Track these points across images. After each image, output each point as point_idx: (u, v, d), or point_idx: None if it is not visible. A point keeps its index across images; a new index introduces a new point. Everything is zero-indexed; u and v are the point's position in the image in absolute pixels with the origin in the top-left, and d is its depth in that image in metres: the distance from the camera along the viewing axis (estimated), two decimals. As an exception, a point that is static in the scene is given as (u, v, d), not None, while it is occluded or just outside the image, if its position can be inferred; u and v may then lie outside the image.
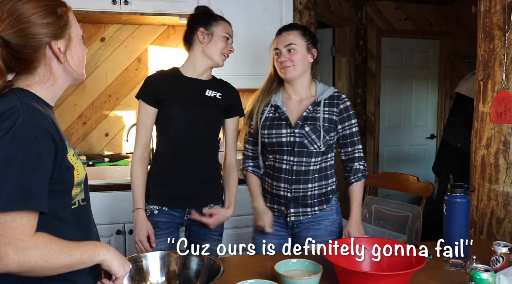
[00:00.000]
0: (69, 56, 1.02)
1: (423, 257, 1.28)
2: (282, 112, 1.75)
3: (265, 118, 1.77)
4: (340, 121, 1.75)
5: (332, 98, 1.75)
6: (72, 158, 1.01)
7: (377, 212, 2.52)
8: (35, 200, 0.89)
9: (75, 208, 1.04)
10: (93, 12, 2.50)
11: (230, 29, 1.78)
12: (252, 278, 1.35)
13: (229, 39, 1.76)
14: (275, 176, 1.76)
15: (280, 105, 1.76)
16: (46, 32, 0.96)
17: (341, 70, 4.29)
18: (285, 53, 1.71)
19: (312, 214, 1.75)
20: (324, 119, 1.71)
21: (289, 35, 1.74)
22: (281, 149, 1.73)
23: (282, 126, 1.73)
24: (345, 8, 4.10)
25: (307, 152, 1.71)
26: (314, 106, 1.73)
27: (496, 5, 1.81)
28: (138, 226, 1.68)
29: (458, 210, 1.56)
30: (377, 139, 4.66)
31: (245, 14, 2.71)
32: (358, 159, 1.77)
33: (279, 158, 1.74)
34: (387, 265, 1.36)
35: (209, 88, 1.76)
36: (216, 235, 1.82)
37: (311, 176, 1.72)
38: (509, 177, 1.82)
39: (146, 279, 1.29)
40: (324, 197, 1.76)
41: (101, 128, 2.95)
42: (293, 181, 1.72)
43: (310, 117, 1.72)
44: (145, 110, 1.71)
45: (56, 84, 1.03)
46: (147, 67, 2.97)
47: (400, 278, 1.22)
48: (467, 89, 3.32)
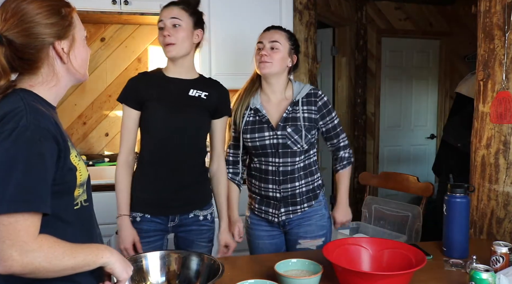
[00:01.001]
0: (72, 56, 1.02)
1: (423, 257, 1.28)
2: (263, 115, 1.75)
3: (245, 122, 1.77)
4: (321, 118, 1.78)
5: (309, 96, 1.78)
6: (75, 159, 1.01)
7: (377, 212, 2.51)
8: (39, 201, 0.89)
9: (78, 208, 1.04)
10: (93, 12, 2.50)
11: (165, 13, 1.61)
12: (252, 278, 1.35)
13: (163, 27, 1.60)
14: (262, 177, 1.78)
15: (260, 108, 1.76)
16: (50, 32, 0.96)
17: (341, 70, 4.29)
18: (268, 49, 1.73)
19: (301, 211, 1.79)
20: (304, 118, 1.74)
21: (276, 33, 1.76)
22: (265, 151, 1.75)
23: (264, 129, 1.74)
24: (345, 8, 4.10)
25: (291, 152, 1.73)
26: (292, 106, 1.75)
27: (496, 5, 1.81)
28: (123, 234, 1.61)
29: (458, 210, 1.56)
30: (377, 139, 4.66)
31: (245, 14, 2.71)
32: (343, 148, 1.86)
33: (264, 160, 1.76)
34: (387, 265, 1.37)
35: (193, 88, 1.68)
36: (204, 242, 1.74)
37: (297, 174, 1.75)
38: (509, 177, 1.82)
39: (146, 279, 1.29)
40: (312, 193, 1.79)
41: (101, 128, 2.96)
42: (281, 181, 1.75)
43: (291, 118, 1.74)
44: (128, 113, 1.66)
45: (59, 84, 1.03)
46: (147, 67, 2.97)
47: (400, 278, 1.23)
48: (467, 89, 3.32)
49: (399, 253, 1.36)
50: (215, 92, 1.71)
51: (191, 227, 1.72)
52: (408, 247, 1.37)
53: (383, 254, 1.39)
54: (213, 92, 1.70)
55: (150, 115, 1.64)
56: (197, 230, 1.72)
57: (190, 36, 1.63)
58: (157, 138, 1.65)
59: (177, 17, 1.60)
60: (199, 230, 1.73)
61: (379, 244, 1.42)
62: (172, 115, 1.63)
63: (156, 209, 1.67)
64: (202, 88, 1.69)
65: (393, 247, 1.39)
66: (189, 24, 1.62)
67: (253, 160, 1.81)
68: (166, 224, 1.70)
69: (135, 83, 1.68)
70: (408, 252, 1.34)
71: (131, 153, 1.68)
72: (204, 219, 1.74)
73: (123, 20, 2.78)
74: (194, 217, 1.72)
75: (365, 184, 2.66)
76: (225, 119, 1.77)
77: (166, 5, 1.64)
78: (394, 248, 1.39)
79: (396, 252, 1.37)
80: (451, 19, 4.71)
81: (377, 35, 4.50)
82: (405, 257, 1.33)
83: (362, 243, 1.43)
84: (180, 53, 1.62)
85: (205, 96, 1.68)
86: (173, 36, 1.59)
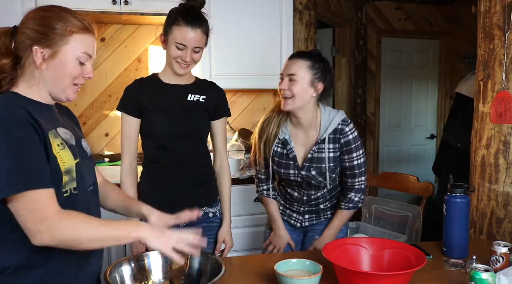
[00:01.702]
0: (45, 66, 1.10)
1: (423, 257, 1.28)
2: (290, 150, 1.73)
3: (274, 153, 1.76)
4: (340, 154, 1.72)
5: (335, 132, 1.68)
6: (57, 148, 1.07)
7: (377, 212, 2.52)
8: (37, 178, 0.99)
9: (67, 196, 1.10)
10: (93, 12, 2.50)
11: (187, 36, 1.56)
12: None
13: (182, 49, 1.58)
14: (287, 198, 1.85)
15: (288, 140, 1.73)
16: (32, 36, 1.09)
17: (341, 70, 4.29)
18: (286, 82, 1.65)
19: (325, 218, 1.85)
20: (329, 159, 1.69)
21: (294, 63, 1.64)
22: (289, 183, 1.80)
23: (290, 166, 1.75)
24: (345, 8, 4.10)
25: (315, 186, 1.77)
26: (318, 145, 1.69)
27: (496, 5, 1.81)
28: (134, 242, 1.62)
29: (458, 210, 1.56)
30: (377, 139, 4.66)
31: (245, 14, 2.71)
32: (356, 191, 1.75)
33: (288, 185, 1.82)
34: (387, 265, 1.37)
35: (191, 93, 1.69)
36: (212, 237, 1.77)
37: (321, 199, 1.80)
38: (509, 177, 1.82)
39: (148, 278, 1.30)
40: (335, 203, 1.84)
41: (101, 128, 2.96)
42: (306, 202, 1.81)
43: (316, 158, 1.70)
44: (128, 121, 1.66)
45: (39, 86, 1.12)
46: (147, 67, 2.97)
47: (400, 278, 1.22)
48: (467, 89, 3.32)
49: (399, 253, 1.35)
50: (212, 94, 1.73)
51: (202, 224, 1.73)
52: (408, 247, 1.37)
53: (383, 254, 1.39)
54: (210, 94, 1.72)
55: (152, 123, 1.65)
56: (207, 226, 1.74)
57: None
58: (159, 144, 1.66)
59: (200, 45, 1.61)
60: (209, 226, 1.76)
61: (379, 244, 1.41)
62: (173, 122, 1.64)
63: (166, 209, 1.67)
64: (199, 92, 1.71)
65: (393, 247, 1.39)
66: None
67: (280, 181, 1.87)
68: (178, 225, 1.70)
69: (133, 91, 1.68)
70: (408, 252, 1.34)
71: (134, 160, 1.71)
72: (213, 215, 1.78)
73: (123, 20, 2.78)
74: (204, 214, 1.73)
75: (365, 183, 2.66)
76: (223, 120, 1.79)
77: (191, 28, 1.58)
78: (394, 248, 1.38)
79: (396, 252, 1.37)
80: (451, 19, 4.71)
81: (377, 35, 4.50)
82: (405, 257, 1.33)
83: (362, 243, 1.42)
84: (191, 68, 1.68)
85: (203, 99, 1.70)
86: (194, 63, 1.63)
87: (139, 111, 1.65)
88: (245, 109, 3.16)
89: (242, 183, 2.48)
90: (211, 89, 1.74)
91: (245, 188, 2.49)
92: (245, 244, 2.50)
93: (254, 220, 2.49)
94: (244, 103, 3.15)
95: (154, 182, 1.70)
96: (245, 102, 3.16)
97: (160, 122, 1.64)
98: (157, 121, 1.64)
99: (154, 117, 1.64)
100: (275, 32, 2.77)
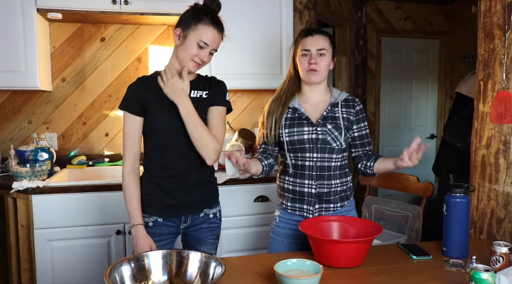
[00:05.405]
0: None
1: (380, 228, 1.49)
2: (302, 113, 1.76)
3: (285, 119, 1.78)
4: (356, 122, 1.80)
5: (347, 100, 1.80)
6: None
7: (377, 212, 2.52)
8: None
9: None
10: (93, 12, 2.50)
11: (212, 37, 1.59)
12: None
13: (203, 47, 1.59)
14: (298, 173, 1.78)
15: (298, 107, 1.77)
16: None
17: (341, 70, 4.29)
18: (316, 57, 1.71)
19: (334, 209, 1.78)
20: (344, 118, 1.76)
21: (321, 39, 1.73)
22: (303, 147, 1.74)
23: (303, 124, 1.75)
24: (345, 8, 4.10)
25: (330, 148, 1.74)
26: (332, 107, 1.76)
27: (496, 4, 1.81)
28: (140, 242, 1.60)
29: (458, 210, 1.56)
30: (377, 139, 4.66)
31: (245, 14, 2.71)
32: (373, 153, 1.90)
33: (301, 156, 1.76)
34: (353, 236, 1.60)
35: (193, 89, 1.67)
36: (212, 238, 1.76)
37: (333, 172, 1.76)
38: (509, 177, 1.82)
39: (148, 278, 1.30)
40: (344, 194, 1.80)
41: (101, 128, 2.96)
42: (317, 177, 1.75)
43: (330, 116, 1.75)
44: (131, 120, 1.64)
45: None
46: (147, 67, 2.97)
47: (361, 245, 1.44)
48: (467, 89, 3.33)
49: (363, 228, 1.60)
50: (213, 87, 1.72)
51: (202, 225, 1.74)
52: (369, 222, 1.66)
53: (349, 228, 1.62)
54: (212, 88, 1.71)
55: (155, 121, 1.63)
56: (207, 227, 1.74)
57: None
58: (163, 143, 1.64)
59: (217, 49, 1.66)
60: (209, 227, 1.75)
61: (347, 221, 1.65)
62: (177, 120, 1.61)
63: (168, 211, 1.67)
64: (201, 87, 1.70)
65: (358, 222, 1.65)
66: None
67: (289, 156, 1.79)
68: (179, 226, 1.70)
69: (136, 90, 1.65)
70: (370, 227, 1.58)
71: (137, 160, 1.68)
72: (214, 216, 1.76)
73: (123, 20, 2.78)
74: (204, 215, 1.73)
75: (365, 184, 2.66)
76: (220, 109, 1.70)
77: (217, 30, 1.63)
78: (359, 223, 1.65)
79: (361, 226, 1.61)
80: (451, 19, 4.72)
81: (377, 35, 4.51)
82: (369, 231, 1.54)
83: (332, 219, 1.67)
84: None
85: (206, 94, 1.69)
86: (205, 64, 1.66)
87: (142, 109, 1.63)
88: (245, 109, 3.16)
89: (242, 183, 2.48)
90: (212, 84, 1.73)
91: (245, 188, 2.48)
92: (245, 244, 2.50)
93: (254, 220, 2.49)
94: (244, 103, 3.15)
95: (155, 182, 1.70)
96: (245, 102, 3.16)
97: (163, 120, 1.63)
98: (160, 119, 1.63)
99: (157, 115, 1.62)
100: (275, 32, 2.78)
